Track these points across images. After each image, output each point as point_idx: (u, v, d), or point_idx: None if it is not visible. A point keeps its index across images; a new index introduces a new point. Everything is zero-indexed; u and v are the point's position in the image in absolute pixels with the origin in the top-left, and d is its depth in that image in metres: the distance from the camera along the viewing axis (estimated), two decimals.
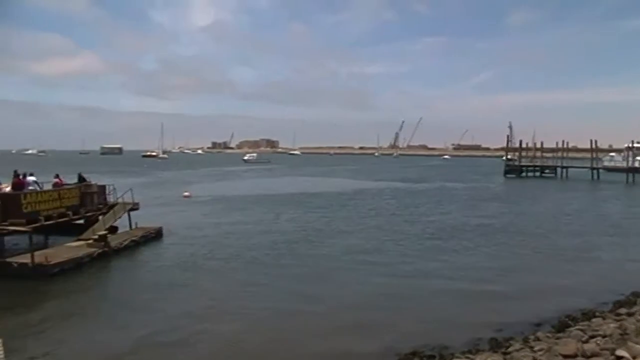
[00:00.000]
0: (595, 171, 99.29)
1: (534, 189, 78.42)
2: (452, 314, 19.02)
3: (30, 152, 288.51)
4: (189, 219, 42.34)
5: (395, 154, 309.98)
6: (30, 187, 29.46)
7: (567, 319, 17.62)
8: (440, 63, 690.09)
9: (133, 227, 33.54)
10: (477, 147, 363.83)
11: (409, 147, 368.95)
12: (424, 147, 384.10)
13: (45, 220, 28.03)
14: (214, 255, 28.66)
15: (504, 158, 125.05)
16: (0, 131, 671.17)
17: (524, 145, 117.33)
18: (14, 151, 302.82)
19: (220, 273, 25.02)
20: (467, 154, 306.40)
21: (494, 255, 29.48)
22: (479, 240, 33.69)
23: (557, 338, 15.17)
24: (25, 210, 26.96)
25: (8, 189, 28.47)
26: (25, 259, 23.83)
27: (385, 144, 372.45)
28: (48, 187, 31.68)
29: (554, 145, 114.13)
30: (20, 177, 29.70)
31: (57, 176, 33.17)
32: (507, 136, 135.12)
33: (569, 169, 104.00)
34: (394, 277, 24.43)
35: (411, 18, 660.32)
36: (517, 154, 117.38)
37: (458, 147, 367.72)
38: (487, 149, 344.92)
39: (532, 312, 18.89)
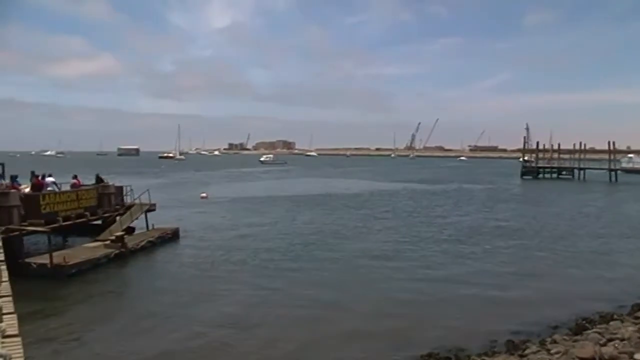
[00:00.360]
0: (613, 173, 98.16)
1: (551, 191, 77.86)
2: (468, 316, 18.92)
3: (49, 153, 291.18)
4: (205, 220, 42.45)
5: (411, 155, 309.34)
6: (49, 188, 29.74)
7: (584, 322, 17.48)
8: (457, 64, 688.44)
9: (150, 228, 33.71)
10: (494, 149, 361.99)
11: (426, 148, 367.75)
12: (441, 149, 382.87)
13: (64, 221, 28.31)
14: (230, 256, 28.68)
15: (521, 160, 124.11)
16: (20, 133, 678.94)
17: (541, 147, 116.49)
18: (33, 152, 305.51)
19: (237, 275, 25.00)
20: (484, 156, 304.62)
21: (511, 257, 29.27)
22: (496, 242, 33.49)
23: (575, 341, 15.06)
24: (44, 211, 27.23)
25: (27, 190, 28.70)
26: (44, 259, 24.04)
27: (402, 146, 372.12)
28: (66, 188, 31.96)
29: (571, 147, 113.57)
30: (39, 178, 29.96)
31: (75, 177, 33.40)
32: (524, 137, 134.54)
33: (587, 171, 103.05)
34: (410, 279, 24.33)
35: (428, 19, 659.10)
36: (534, 155, 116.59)
37: (475, 149, 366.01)
38: (504, 150, 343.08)
39: (549, 315, 18.74)
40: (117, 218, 32.20)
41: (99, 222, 32.31)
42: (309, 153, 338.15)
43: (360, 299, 21.09)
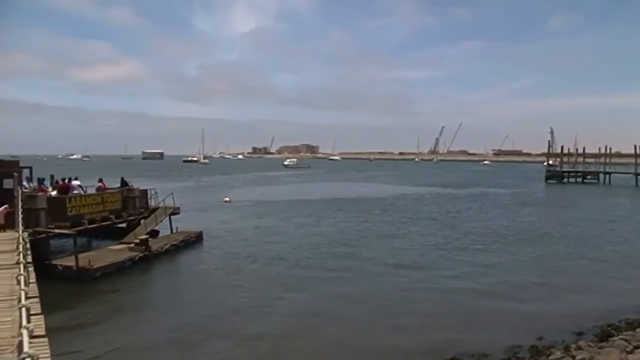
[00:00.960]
0: (639, 177, 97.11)
1: (576, 195, 77.22)
2: (492, 320, 18.80)
3: (75, 157, 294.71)
4: (229, 223, 42.61)
5: (435, 159, 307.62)
6: (75, 191, 30.05)
7: (610, 328, 17.30)
8: (481, 67, 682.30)
9: (174, 231, 33.94)
10: (518, 153, 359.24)
11: (449, 152, 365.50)
12: (464, 153, 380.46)
13: (89, 224, 28.61)
14: (254, 260, 28.75)
15: (545, 164, 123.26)
16: (47, 137, 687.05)
17: (565, 151, 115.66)
18: (59, 156, 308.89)
19: (261, 278, 25.03)
20: (508, 160, 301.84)
21: (536, 262, 29.04)
22: (521, 247, 33.26)
23: (600, 348, 14.89)
24: (70, 214, 27.53)
25: (54, 193, 29.02)
26: (70, 261, 24.30)
27: (425, 150, 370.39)
28: (92, 191, 32.25)
29: (596, 151, 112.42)
30: (65, 181, 30.30)
31: (100, 180, 33.72)
32: (548, 141, 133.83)
33: (612, 175, 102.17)
34: (435, 283, 24.25)
35: (451, 22, 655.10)
36: (558, 159, 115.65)
37: (498, 153, 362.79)
38: (528, 154, 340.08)
39: (574, 320, 18.54)
40: (142, 221, 32.41)
41: (124, 225, 32.53)
42: (332, 157, 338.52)
43: (383, 302, 21.07)
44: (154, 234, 32.38)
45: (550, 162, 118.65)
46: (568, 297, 22.14)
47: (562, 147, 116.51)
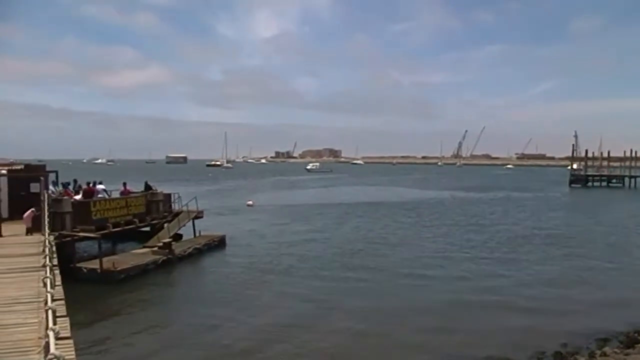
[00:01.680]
0: None
1: (601, 199, 76.54)
2: (515, 326, 18.60)
3: (100, 161, 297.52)
4: (252, 227, 42.73)
5: (458, 163, 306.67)
6: (100, 195, 30.33)
7: (636, 335, 17.10)
8: (503, 71, 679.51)
9: (197, 234, 34.13)
10: (542, 157, 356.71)
11: (472, 156, 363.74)
12: (487, 157, 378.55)
13: (113, 227, 28.88)
14: (277, 264, 28.79)
15: (569, 168, 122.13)
16: (73, 141, 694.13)
17: (590, 155, 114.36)
18: (85, 160, 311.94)
19: (283, 284, 25.00)
20: (531, 164, 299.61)
21: (561, 267, 28.74)
22: (546, 251, 32.99)
23: (626, 354, 14.73)
24: (94, 217, 27.82)
25: (79, 197, 29.31)
26: (94, 264, 24.56)
27: (448, 154, 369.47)
28: (116, 195, 32.54)
29: (621, 154, 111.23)
30: (90, 185, 30.59)
31: (124, 184, 33.98)
32: (573, 145, 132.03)
33: (638, 179, 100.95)
34: (458, 287, 24.10)
35: (473, 26, 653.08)
36: (582, 163, 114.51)
37: (522, 157, 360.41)
38: (552, 158, 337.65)
39: (599, 326, 18.34)
40: (165, 225, 32.65)
41: (148, 228, 32.86)
42: (355, 161, 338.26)
43: (406, 307, 20.95)
44: (177, 237, 32.56)
45: (575, 166, 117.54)
46: (593, 301, 21.91)
47: (586, 151, 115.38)
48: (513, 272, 27.26)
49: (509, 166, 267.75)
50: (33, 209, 24.35)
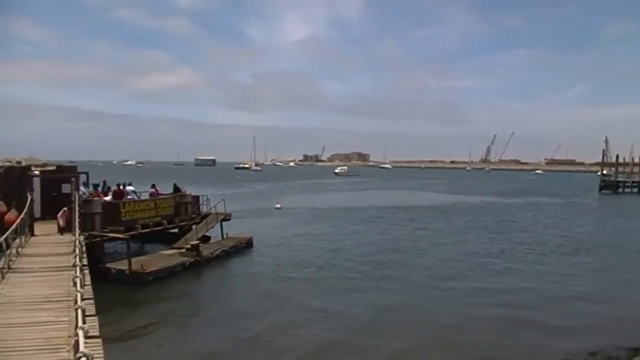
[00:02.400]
0: None
1: (632, 206, 75.47)
2: (544, 333, 18.46)
3: (129, 163, 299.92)
4: (279, 230, 42.87)
5: (487, 168, 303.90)
6: (129, 197, 30.65)
7: None
8: (533, 76, 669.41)
9: (225, 237, 34.34)
10: (571, 162, 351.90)
11: (501, 161, 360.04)
12: (516, 162, 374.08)
13: (142, 229, 29.17)
14: (303, 267, 28.87)
15: (599, 173, 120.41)
16: (103, 143, 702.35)
17: (620, 160, 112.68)
18: (115, 162, 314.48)
19: (310, 285, 25.12)
20: (561, 169, 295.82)
21: (592, 273, 28.50)
22: (576, 257, 32.74)
23: None
24: (124, 219, 28.11)
25: (109, 198, 29.66)
26: (123, 265, 24.84)
27: (477, 158, 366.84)
28: (145, 196, 32.86)
29: None
30: (120, 187, 30.94)
31: (153, 186, 34.34)
32: (603, 150, 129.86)
33: None
34: (488, 293, 23.89)
35: (502, 31, 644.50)
36: (613, 169, 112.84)
37: (551, 162, 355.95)
38: (582, 163, 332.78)
39: (629, 335, 18.15)
40: (193, 227, 32.88)
41: (176, 230, 33.09)
42: (383, 165, 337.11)
43: (435, 317, 20.66)
44: (205, 239, 32.79)
45: (605, 171, 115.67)
46: (624, 310, 21.59)
47: (617, 156, 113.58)
48: (542, 279, 26.87)
49: (538, 171, 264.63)
50: (65, 208, 24.76)
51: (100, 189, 31.11)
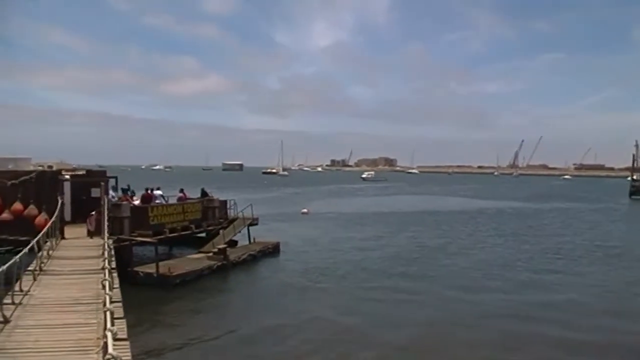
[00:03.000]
0: None
1: None
2: (578, 344, 18.06)
3: (157, 167, 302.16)
4: (306, 235, 42.91)
5: (514, 173, 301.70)
6: (157, 201, 30.95)
7: None
8: (561, 80, 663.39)
9: (252, 241, 34.53)
10: (600, 167, 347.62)
11: (529, 166, 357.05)
12: (544, 167, 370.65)
13: (170, 233, 29.41)
14: (330, 273, 28.81)
15: (629, 178, 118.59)
16: (132, 147, 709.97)
17: None
18: (143, 166, 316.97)
19: (336, 291, 25.13)
20: (589, 174, 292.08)
21: (625, 283, 27.65)
22: (605, 268, 31.95)
23: None
24: (152, 223, 28.38)
25: (137, 202, 29.98)
26: (151, 269, 25.11)
27: (504, 163, 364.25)
28: (173, 201, 33.14)
29: None
30: (148, 191, 31.26)
31: (181, 191, 34.65)
32: (633, 155, 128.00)
33: None
34: (515, 303, 23.15)
35: (530, 35, 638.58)
36: None
37: (580, 167, 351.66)
38: (611, 169, 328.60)
39: None
40: (221, 231, 33.05)
41: (203, 234, 33.32)
42: (410, 170, 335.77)
43: (461, 322, 20.52)
44: (232, 243, 32.99)
45: (635, 176, 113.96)
46: None
47: None
48: (572, 288, 26.04)
49: (566, 176, 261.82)
50: (94, 212, 25.12)
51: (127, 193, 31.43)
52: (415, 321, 20.38)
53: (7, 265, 11.66)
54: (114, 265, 16.41)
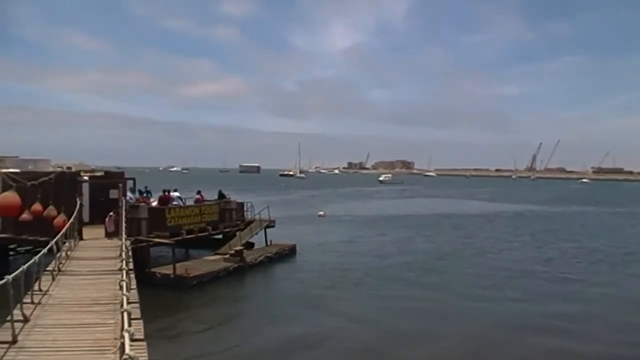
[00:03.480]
0: None
1: None
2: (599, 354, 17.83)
3: (175, 169, 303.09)
4: (323, 237, 42.91)
5: (532, 176, 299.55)
6: (175, 203, 31.10)
7: None
8: (580, 82, 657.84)
9: (268, 243, 34.64)
10: (619, 171, 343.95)
11: (547, 170, 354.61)
12: (562, 170, 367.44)
13: (187, 234, 29.52)
14: (346, 276, 28.80)
15: None
16: (149, 149, 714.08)
17: None
18: (161, 168, 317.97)
19: (353, 293, 25.16)
20: (608, 178, 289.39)
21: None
22: (627, 268, 32.04)
23: None
24: (169, 224, 28.52)
25: (155, 204, 30.15)
26: (168, 270, 25.28)
27: (522, 167, 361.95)
28: (190, 202, 33.29)
29: None
30: (166, 193, 31.40)
31: (198, 192, 34.78)
32: None
33: None
34: (534, 314, 22.15)
35: (550, 37, 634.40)
36: None
37: (598, 171, 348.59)
38: (630, 172, 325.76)
39: None
40: (237, 233, 33.12)
41: (220, 236, 33.48)
42: (427, 173, 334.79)
43: (479, 325, 20.47)
44: (249, 245, 33.09)
45: None
46: None
47: None
48: (589, 306, 24.22)
49: (584, 180, 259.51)
50: (112, 213, 25.32)
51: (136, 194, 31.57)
52: (433, 334, 19.56)
53: (27, 265, 11.79)
54: (131, 266, 16.52)
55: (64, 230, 20.34)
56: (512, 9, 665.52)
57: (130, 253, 18.83)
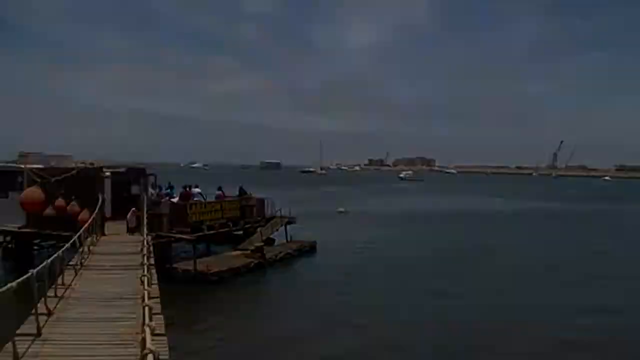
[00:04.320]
0: None
1: None
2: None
3: (196, 165, 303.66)
4: (343, 234, 42.97)
5: (553, 174, 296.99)
6: (196, 199, 31.25)
7: None
8: (603, 79, 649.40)
9: (289, 240, 34.74)
10: None
11: (568, 167, 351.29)
12: (584, 168, 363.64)
13: (208, 230, 29.68)
14: (366, 273, 28.85)
15: None
16: (171, 145, 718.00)
17: None
18: (182, 165, 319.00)
19: (373, 291, 25.16)
20: (631, 176, 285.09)
21: None
22: None
23: None
24: (190, 220, 28.67)
25: (176, 200, 30.33)
26: (189, 266, 25.44)
27: (543, 164, 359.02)
28: (211, 199, 33.44)
29: None
30: (187, 189, 31.57)
31: (219, 189, 34.89)
32: None
33: None
34: (554, 315, 21.76)
35: (573, 35, 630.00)
36: None
37: (621, 168, 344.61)
38: None
39: None
40: (258, 229, 33.22)
41: (241, 232, 33.60)
42: (448, 170, 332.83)
43: (497, 326, 20.42)
44: (269, 242, 33.22)
45: None
46: None
47: None
48: (610, 298, 24.34)
49: (606, 178, 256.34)
50: (134, 209, 25.55)
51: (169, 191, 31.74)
52: (452, 335, 19.25)
53: (50, 259, 11.96)
54: (152, 261, 16.69)
55: (86, 225, 20.57)
56: (536, 6, 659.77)
57: (151, 248, 19.02)
